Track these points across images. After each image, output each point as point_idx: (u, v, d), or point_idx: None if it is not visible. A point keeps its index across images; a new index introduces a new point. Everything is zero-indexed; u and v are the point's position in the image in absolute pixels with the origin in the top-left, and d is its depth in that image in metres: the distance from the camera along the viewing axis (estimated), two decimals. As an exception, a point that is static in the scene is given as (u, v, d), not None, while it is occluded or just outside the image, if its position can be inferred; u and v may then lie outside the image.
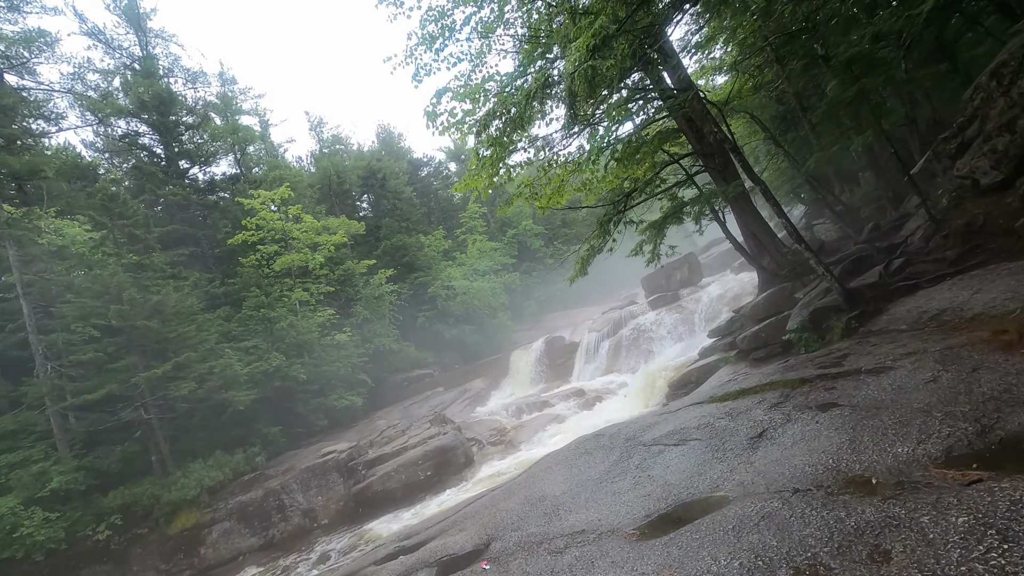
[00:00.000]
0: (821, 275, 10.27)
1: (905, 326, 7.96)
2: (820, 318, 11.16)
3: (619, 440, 6.94)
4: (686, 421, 6.41)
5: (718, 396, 7.04)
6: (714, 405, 6.66)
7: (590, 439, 7.53)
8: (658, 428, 6.72)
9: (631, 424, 7.45)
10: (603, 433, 7.51)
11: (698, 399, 7.63)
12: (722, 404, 6.56)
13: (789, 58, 17.64)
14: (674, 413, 7.19)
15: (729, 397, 6.77)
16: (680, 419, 6.65)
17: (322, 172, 38.25)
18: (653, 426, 6.91)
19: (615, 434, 7.26)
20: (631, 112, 13.77)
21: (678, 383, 16.25)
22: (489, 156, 10.21)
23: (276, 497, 16.03)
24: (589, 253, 14.51)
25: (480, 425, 22.35)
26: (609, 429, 7.73)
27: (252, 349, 22.40)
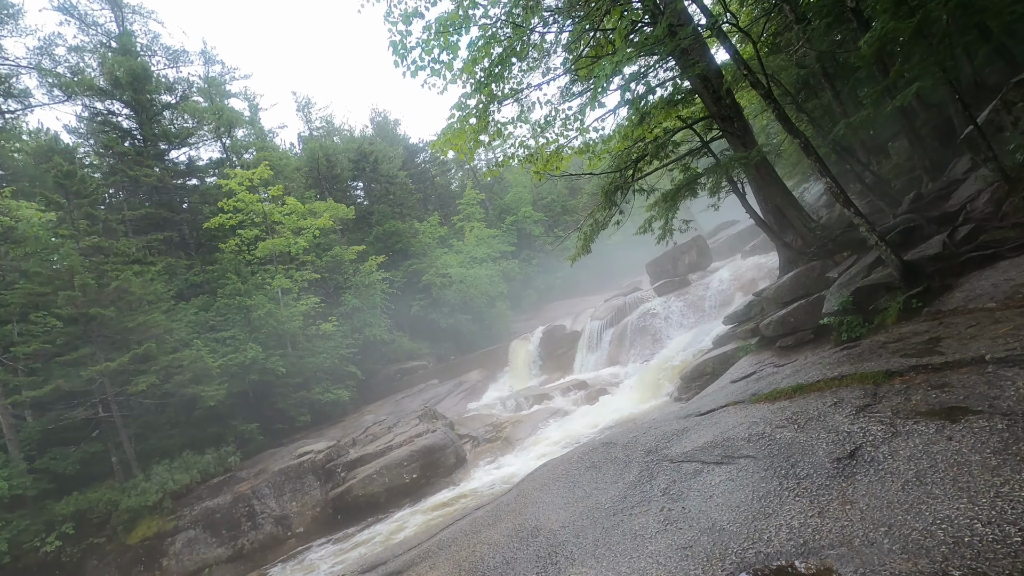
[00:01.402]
0: (873, 246, 8.61)
1: (995, 303, 6.30)
2: (866, 298, 9.48)
3: (636, 452, 5.29)
4: (728, 428, 4.76)
5: (764, 394, 5.39)
6: (763, 406, 5.00)
7: (598, 448, 5.88)
8: (689, 437, 5.07)
9: (650, 429, 5.79)
10: (614, 441, 5.86)
11: (735, 397, 5.97)
12: (774, 405, 4.90)
13: (813, 16, 15.84)
14: (707, 416, 5.53)
15: (781, 395, 5.12)
16: (719, 425, 5.00)
17: (310, 154, 36.41)
18: (681, 434, 5.25)
19: (630, 443, 5.60)
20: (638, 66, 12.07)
21: (692, 374, 14.65)
22: (475, 106, 8.51)
23: (246, 503, 14.46)
24: (593, 228, 12.82)
25: (475, 420, 20.80)
26: (621, 435, 6.08)
27: (229, 340, 20.77)
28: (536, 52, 9.09)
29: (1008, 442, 2.88)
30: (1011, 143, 9.18)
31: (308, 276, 25.54)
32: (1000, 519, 2.38)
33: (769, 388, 5.59)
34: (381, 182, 39.51)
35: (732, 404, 5.62)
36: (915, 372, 4.35)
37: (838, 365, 5.34)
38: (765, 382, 6.14)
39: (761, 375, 10.66)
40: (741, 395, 5.97)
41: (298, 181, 35.99)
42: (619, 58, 5.83)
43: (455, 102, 8.68)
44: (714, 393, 8.09)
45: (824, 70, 16.58)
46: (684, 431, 5.25)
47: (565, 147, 10.41)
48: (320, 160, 35.44)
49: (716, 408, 5.79)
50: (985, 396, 3.48)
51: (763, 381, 6.44)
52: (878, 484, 3.09)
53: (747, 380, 10.86)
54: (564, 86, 10.19)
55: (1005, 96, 9.32)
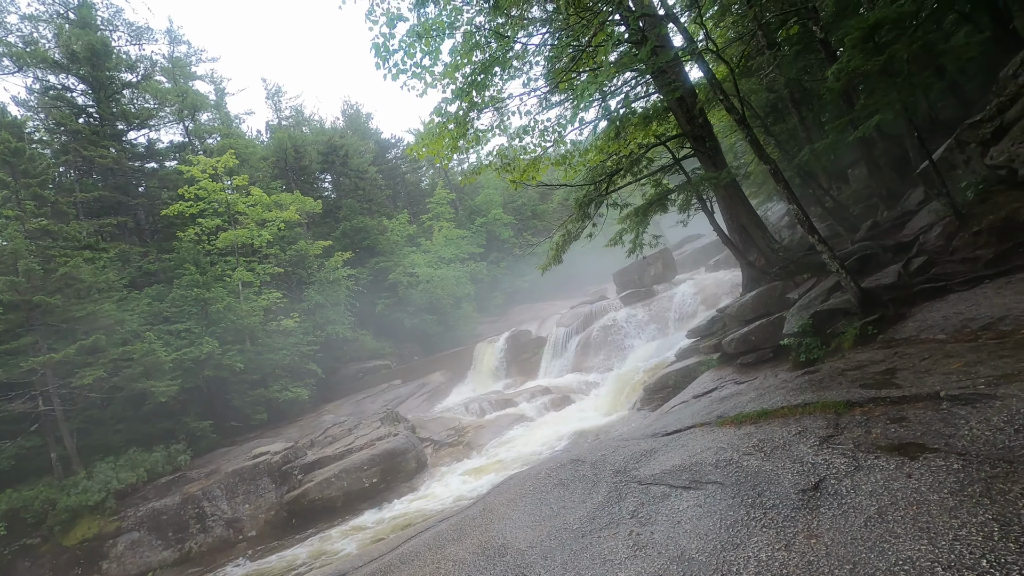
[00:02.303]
0: (833, 272, 8.96)
1: (944, 335, 6.64)
2: (825, 322, 9.85)
3: (605, 471, 5.33)
4: (696, 452, 4.84)
5: (730, 417, 5.51)
6: (730, 430, 5.11)
7: (566, 465, 5.90)
8: (657, 459, 5.13)
9: (619, 448, 5.85)
10: (582, 459, 5.89)
11: (701, 417, 6.09)
12: (740, 429, 5.02)
13: (782, 43, 16.37)
14: (675, 437, 5.62)
15: (746, 420, 5.24)
16: (686, 448, 5.08)
17: (277, 144, 35.44)
18: (650, 454, 5.32)
19: (599, 461, 5.64)
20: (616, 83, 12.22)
21: (654, 386, 14.89)
22: (455, 112, 8.44)
23: (196, 504, 13.92)
24: (564, 239, 12.91)
25: (437, 423, 20.62)
26: (589, 452, 6.11)
27: (184, 333, 19.98)
28: (518, 61, 9.08)
29: (964, 483, 3.02)
30: (963, 180, 9.71)
31: (271, 270, 24.85)
32: (959, 563, 2.48)
33: (734, 411, 5.73)
34: (351, 176, 38.80)
35: (699, 426, 5.73)
36: (874, 404, 4.53)
37: (801, 391, 5.51)
38: (730, 403, 6.29)
39: (723, 391, 10.92)
40: (707, 416, 6.09)
41: (264, 171, 34.98)
42: (602, 77, 5.88)
43: (435, 107, 8.60)
44: (679, 410, 8.25)
45: (792, 96, 17.16)
46: (652, 452, 5.32)
47: (542, 157, 10.43)
48: (288, 151, 34.55)
49: (683, 428, 5.89)
50: (941, 434, 3.65)
51: (727, 402, 6.60)
52: (842, 519, 3.19)
53: (709, 396, 11.11)
54: (543, 96, 10.22)
55: (959, 136, 9.84)
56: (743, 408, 5.69)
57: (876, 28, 9.26)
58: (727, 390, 10.82)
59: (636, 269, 28.62)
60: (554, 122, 10.02)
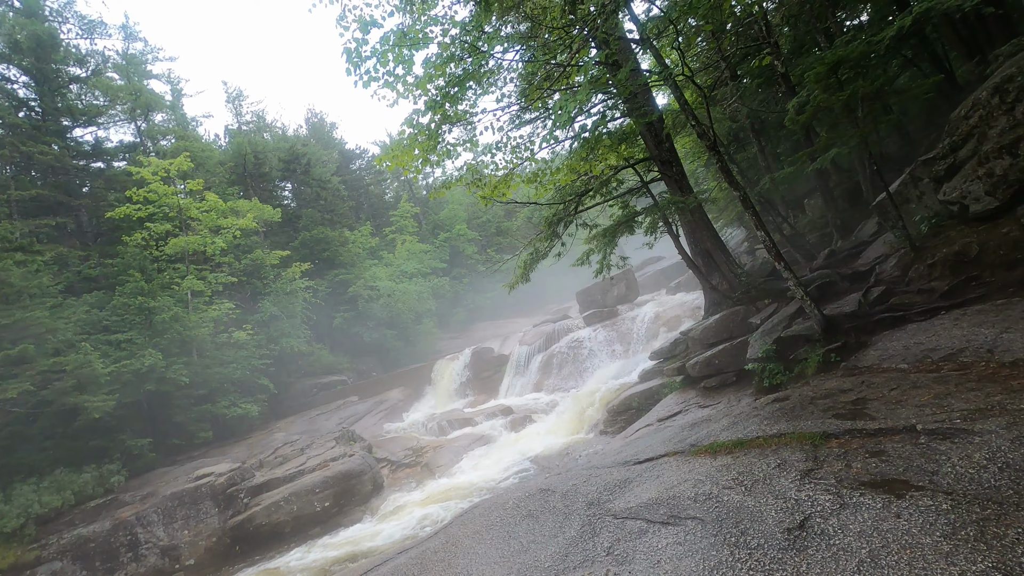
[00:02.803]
0: (799, 299, 9.10)
1: (906, 365, 6.76)
2: (787, 347, 9.98)
3: (577, 503, 5.09)
4: (673, 484, 4.66)
5: (704, 446, 5.38)
6: (705, 460, 4.97)
7: (535, 495, 5.62)
8: (632, 490, 4.93)
9: (591, 477, 5.62)
10: (552, 488, 5.63)
11: (673, 445, 5.94)
12: (716, 460, 4.88)
13: (745, 75, 16.90)
14: (648, 466, 5.44)
15: (722, 449, 5.12)
16: (661, 479, 4.90)
17: (236, 148, 34.22)
18: (624, 485, 5.11)
19: (570, 491, 5.39)
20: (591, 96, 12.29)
21: (617, 408, 14.81)
22: (427, 124, 8.20)
23: (129, 530, 12.87)
24: (532, 257, 12.78)
25: (394, 443, 19.98)
26: (559, 481, 5.86)
27: (124, 344, 18.73)
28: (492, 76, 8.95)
29: (956, 526, 2.92)
30: (916, 214, 10.11)
31: (224, 279, 23.74)
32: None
33: (708, 439, 5.60)
34: (312, 185, 37.85)
35: (672, 454, 5.57)
36: (850, 436, 4.47)
37: (774, 420, 5.43)
38: (702, 430, 6.17)
39: (688, 415, 10.92)
40: (679, 443, 5.95)
41: (221, 176, 33.70)
42: (581, 96, 5.77)
43: (406, 118, 8.34)
44: (646, 435, 8.11)
45: (752, 126, 17.72)
46: (626, 482, 5.12)
47: (513, 174, 10.29)
48: (248, 156, 33.42)
49: (656, 457, 5.73)
50: (924, 470, 3.58)
51: (698, 429, 6.48)
52: (832, 562, 3.04)
53: (674, 420, 11.09)
54: (516, 113, 10.13)
55: (913, 172, 10.28)
56: (717, 436, 5.57)
57: (837, 66, 9.60)
58: (692, 414, 10.82)
59: (599, 289, 28.82)
60: (526, 139, 9.90)
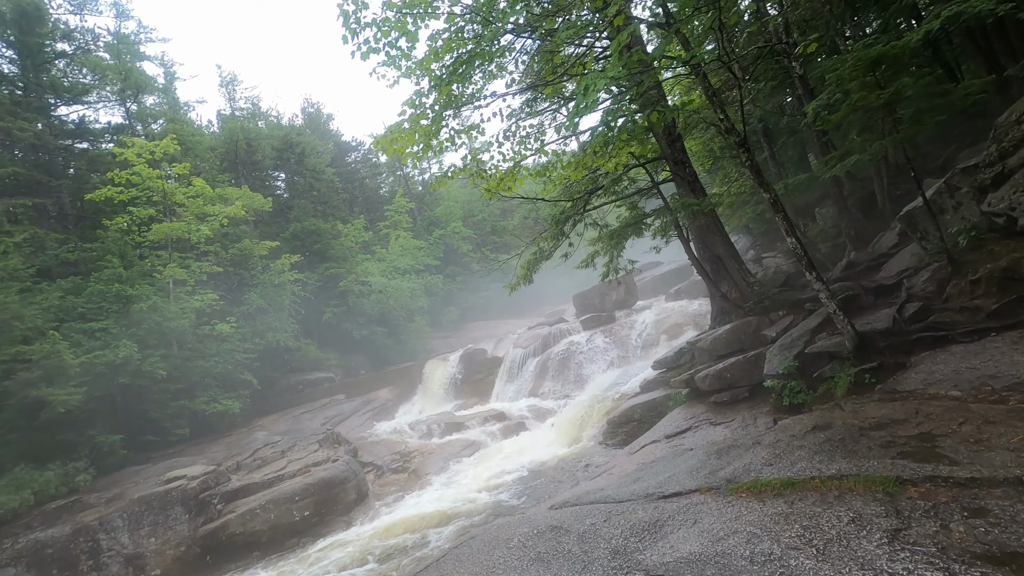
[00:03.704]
0: (827, 313, 8.41)
1: (959, 392, 6.05)
2: (810, 364, 9.28)
3: (598, 548, 4.30)
4: (718, 534, 3.89)
5: (745, 483, 4.61)
6: (751, 504, 4.20)
7: (545, 534, 4.82)
8: (666, 537, 4.14)
9: (612, 516, 4.82)
10: (565, 527, 4.83)
11: (703, 478, 5.17)
12: (766, 505, 4.11)
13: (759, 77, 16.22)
14: (680, 505, 4.65)
15: (768, 489, 4.35)
16: (702, 525, 4.12)
17: (228, 134, 33.16)
18: (655, 529, 4.32)
19: (588, 533, 4.59)
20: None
21: (619, 419, 14.04)
22: (430, 105, 7.40)
23: (91, 536, 11.93)
24: (536, 257, 12.00)
25: (381, 446, 19.11)
26: (574, 518, 5.06)
27: (99, 333, 17.74)
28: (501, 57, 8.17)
29: None
30: (952, 226, 9.45)
31: (208, 269, 22.74)
32: None
33: (747, 474, 4.84)
34: (306, 176, 36.82)
35: (706, 491, 4.80)
36: (933, 484, 3.72)
37: (828, 456, 4.67)
38: (735, 461, 5.40)
39: (698, 433, 10.17)
40: (711, 476, 5.18)
41: (211, 162, 32.58)
42: (611, 72, 5.00)
43: (408, 98, 7.54)
44: (665, 459, 7.33)
45: (764, 129, 17.09)
46: (657, 525, 4.33)
47: (521, 167, 9.51)
48: (240, 142, 32.35)
49: (685, 491, 4.95)
50: (1057, 544, 2.82)
51: (728, 458, 5.71)
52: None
53: (683, 436, 10.34)
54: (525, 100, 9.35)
55: (949, 180, 9.61)
56: (757, 471, 4.81)
57: (876, 64, 8.91)
58: (703, 432, 10.10)
59: (597, 293, 28.09)
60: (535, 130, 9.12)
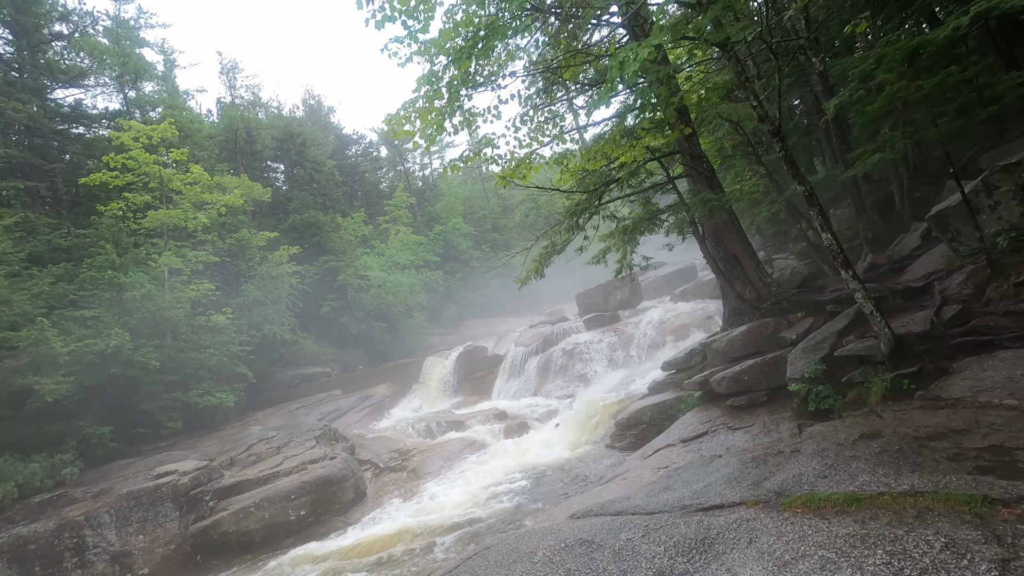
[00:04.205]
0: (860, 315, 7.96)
1: (1016, 401, 5.60)
2: (838, 368, 8.84)
3: (639, 569, 3.78)
4: (786, 559, 3.39)
5: (799, 497, 4.14)
6: (813, 521, 3.73)
7: (573, 549, 4.32)
8: (722, 559, 3.64)
9: (651, 530, 4.33)
10: (598, 542, 4.33)
11: (747, 491, 4.69)
12: (832, 524, 3.64)
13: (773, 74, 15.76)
14: (729, 519, 4.17)
15: (827, 505, 3.89)
16: (760, 545, 3.64)
17: (228, 122, 32.54)
18: (705, 549, 3.82)
19: (624, 549, 4.10)
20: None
21: (628, 421, 13.57)
22: (447, 81, 6.91)
23: (76, 532, 11.40)
24: (548, 251, 11.52)
25: (379, 443, 18.62)
26: (605, 531, 4.57)
27: (91, 321, 17.17)
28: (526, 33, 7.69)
29: None
30: (989, 227, 9.01)
31: (205, 258, 22.17)
32: None
33: (798, 487, 4.36)
34: (306, 167, 36.21)
35: (753, 504, 4.33)
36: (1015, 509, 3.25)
37: (893, 470, 4.20)
38: (784, 472, 4.92)
39: (716, 437, 9.74)
40: (755, 488, 4.70)
41: (210, 151, 31.97)
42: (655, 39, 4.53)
43: (423, 75, 7.05)
44: (691, 466, 6.86)
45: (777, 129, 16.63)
46: (706, 544, 3.85)
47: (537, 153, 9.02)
48: (239, 131, 31.75)
49: (728, 504, 4.48)
50: None
51: (768, 467, 5.24)
52: None
53: (700, 441, 9.90)
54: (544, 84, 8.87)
55: (987, 179, 9.19)
56: (811, 483, 4.34)
57: (916, 53, 8.47)
58: (722, 437, 9.69)
59: (601, 292, 27.65)
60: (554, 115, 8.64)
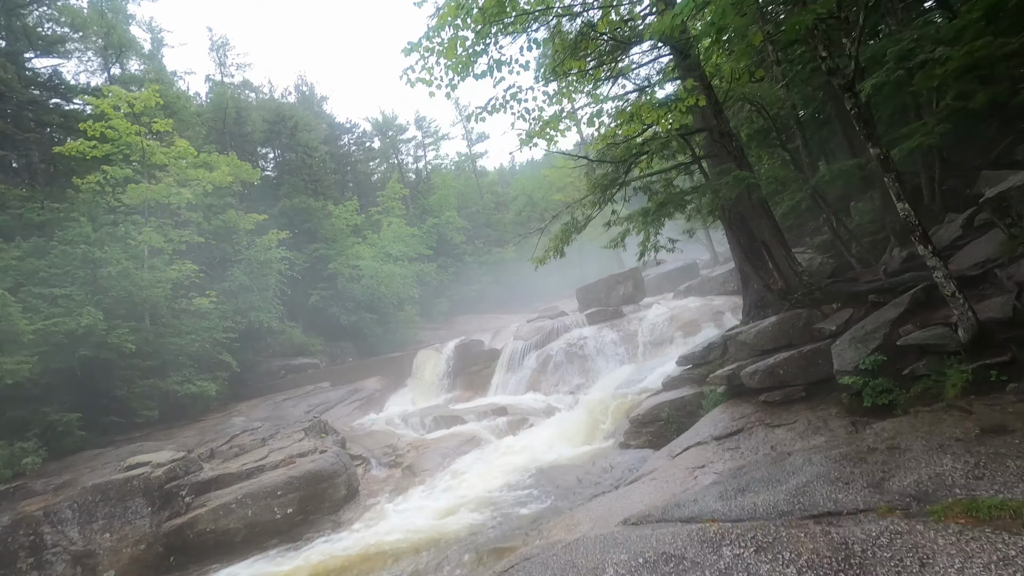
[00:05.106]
0: (949, 296, 7.04)
1: None
2: (897, 360, 7.96)
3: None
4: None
5: (954, 505, 3.18)
6: (1009, 538, 2.76)
7: (658, 567, 3.31)
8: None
9: (764, 547, 3.34)
10: (690, 558, 3.24)
11: (873, 495, 3.70)
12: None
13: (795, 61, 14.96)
14: (874, 535, 3.18)
15: (1004, 513, 2.93)
16: (938, 567, 2.68)
17: (217, 99, 31.11)
18: (861, 571, 2.85)
19: (736, 568, 3.12)
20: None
21: (643, 419, 12.59)
22: (479, 11, 5.87)
23: (33, 529, 10.16)
24: (569, 228, 10.50)
25: (371, 438, 17.49)
26: (692, 545, 3.51)
27: (61, 299, 15.83)
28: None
29: None
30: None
31: (188, 238, 20.83)
32: None
33: (950, 493, 3.40)
34: (298, 151, 34.85)
35: (886, 511, 3.33)
36: None
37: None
38: (918, 474, 3.94)
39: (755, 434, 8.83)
40: (874, 491, 3.74)
41: (197, 130, 30.59)
42: None
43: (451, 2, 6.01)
44: (755, 465, 5.91)
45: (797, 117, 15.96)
46: (859, 567, 2.86)
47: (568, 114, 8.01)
48: (229, 110, 30.33)
49: (847, 511, 3.50)
50: None
51: (897, 472, 4.27)
52: None
53: (736, 438, 8.97)
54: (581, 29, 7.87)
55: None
56: (962, 487, 3.38)
57: (996, 9, 7.63)
58: (762, 434, 8.77)
59: (603, 287, 26.74)
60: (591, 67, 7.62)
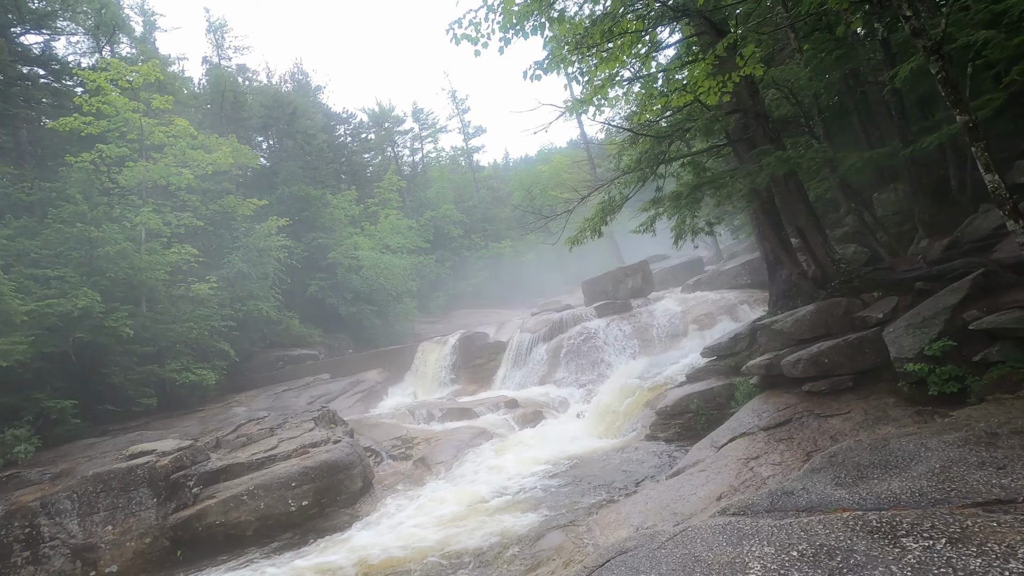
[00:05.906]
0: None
1: None
2: (969, 345, 7.54)
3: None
4: None
5: None
6: None
7: (821, 562, 2.79)
8: None
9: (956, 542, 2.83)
10: (864, 551, 2.78)
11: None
12: None
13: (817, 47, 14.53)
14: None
15: None
16: None
17: (215, 81, 30.15)
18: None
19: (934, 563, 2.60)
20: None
21: (671, 410, 12.12)
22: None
23: (29, 519, 9.45)
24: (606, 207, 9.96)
25: (378, 430, 16.88)
26: (863, 540, 3.03)
27: (55, 281, 15.01)
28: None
29: None
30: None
31: (188, 220, 20.02)
32: None
33: None
34: (297, 139, 33.98)
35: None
36: None
37: None
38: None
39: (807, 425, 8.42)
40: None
41: (192, 114, 29.62)
42: None
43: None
44: (845, 452, 5.41)
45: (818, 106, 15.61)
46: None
47: (620, 75, 7.47)
48: (227, 92, 29.40)
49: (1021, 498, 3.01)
50: None
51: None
52: None
53: (787, 428, 8.58)
54: None
55: None
56: None
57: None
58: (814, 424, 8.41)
59: (611, 280, 26.25)
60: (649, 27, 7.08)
